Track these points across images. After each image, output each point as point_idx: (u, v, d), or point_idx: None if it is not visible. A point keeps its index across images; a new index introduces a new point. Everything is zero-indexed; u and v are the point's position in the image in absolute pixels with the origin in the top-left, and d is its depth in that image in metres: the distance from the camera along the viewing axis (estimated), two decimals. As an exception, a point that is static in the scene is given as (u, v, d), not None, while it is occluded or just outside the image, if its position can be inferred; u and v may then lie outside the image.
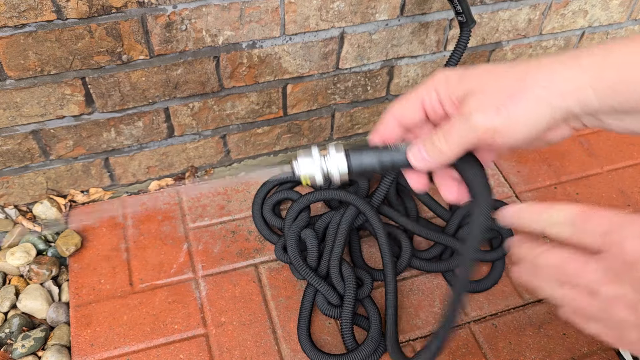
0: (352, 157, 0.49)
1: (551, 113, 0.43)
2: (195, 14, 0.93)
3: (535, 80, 0.43)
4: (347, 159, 0.49)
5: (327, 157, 0.49)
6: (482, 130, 0.44)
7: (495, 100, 0.43)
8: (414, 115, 0.50)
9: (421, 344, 0.97)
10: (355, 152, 0.50)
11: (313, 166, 0.50)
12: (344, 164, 0.49)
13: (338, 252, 0.99)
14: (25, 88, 0.93)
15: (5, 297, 1.00)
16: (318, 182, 0.50)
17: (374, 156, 0.49)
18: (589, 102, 0.42)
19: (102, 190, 1.17)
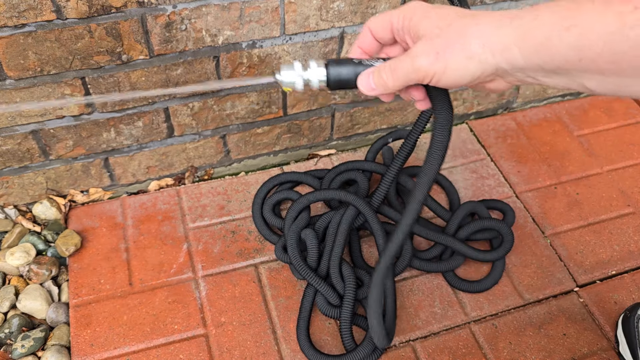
0: (331, 68, 0.54)
1: (481, 67, 0.49)
2: (195, 14, 0.93)
3: (472, 35, 0.48)
4: (327, 69, 0.54)
5: (308, 69, 0.55)
6: (423, 72, 0.51)
7: (437, 47, 0.50)
8: (384, 34, 0.56)
9: (421, 344, 0.97)
10: (334, 64, 0.55)
11: (295, 76, 0.55)
12: (323, 74, 0.55)
13: (338, 252, 0.99)
14: (25, 88, 0.93)
15: (5, 297, 1.00)
16: (298, 89, 0.56)
17: (351, 70, 0.55)
18: (515, 60, 0.47)
19: (102, 190, 1.17)
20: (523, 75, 0.49)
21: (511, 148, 1.29)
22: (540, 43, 0.45)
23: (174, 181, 1.21)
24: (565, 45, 0.44)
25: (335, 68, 0.55)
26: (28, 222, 1.11)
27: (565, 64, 0.45)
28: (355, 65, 0.55)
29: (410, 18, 0.52)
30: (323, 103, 1.18)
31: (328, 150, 1.29)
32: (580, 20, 0.43)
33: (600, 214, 1.17)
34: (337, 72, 0.55)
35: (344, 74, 0.55)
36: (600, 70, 0.44)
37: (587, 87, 0.47)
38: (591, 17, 0.43)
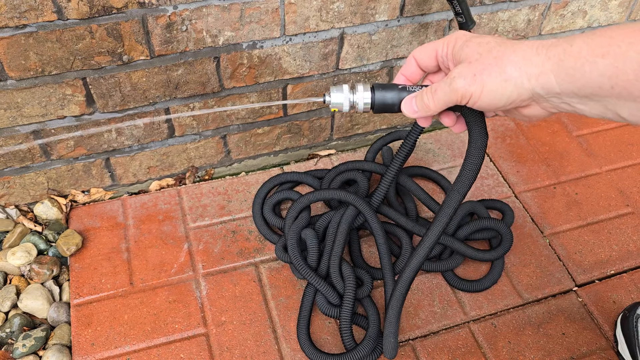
0: (376, 92, 0.57)
1: (517, 90, 0.51)
2: (196, 15, 0.94)
3: (509, 60, 0.51)
4: (372, 93, 0.57)
5: (355, 92, 0.58)
6: (460, 93, 0.53)
7: (475, 70, 0.52)
8: (429, 62, 0.59)
9: (421, 343, 0.97)
10: (380, 89, 0.58)
11: (342, 98, 0.58)
12: (368, 97, 0.57)
13: (338, 251, 0.99)
14: (26, 88, 0.94)
15: (6, 297, 1.00)
16: (344, 110, 0.59)
17: (395, 95, 0.57)
18: (550, 86, 0.50)
19: (103, 190, 1.17)
20: (558, 101, 0.51)
21: (510, 148, 1.30)
22: (574, 69, 0.47)
23: (175, 181, 1.21)
24: (598, 72, 0.46)
25: (381, 92, 0.57)
26: (29, 222, 1.11)
27: (598, 90, 0.47)
28: (399, 90, 0.58)
29: (453, 46, 0.56)
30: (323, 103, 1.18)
31: (328, 150, 1.29)
32: (614, 48, 0.45)
33: (599, 213, 1.18)
34: (382, 96, 0.57)
35: (388, 98, 0.57)
36: (634, 97, 0.46)
37: (621, 116, 0.49)
38: (624, 44, 0.45)
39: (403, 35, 1.11)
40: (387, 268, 1.00)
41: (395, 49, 1.14)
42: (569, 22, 1.24)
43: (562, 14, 1.22)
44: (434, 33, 1.14)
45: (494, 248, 1.07)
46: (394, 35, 1.11)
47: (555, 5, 1.19)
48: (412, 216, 1.12)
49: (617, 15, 1.28)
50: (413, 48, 1.15)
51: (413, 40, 1.13)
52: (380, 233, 1.01)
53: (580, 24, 1.26)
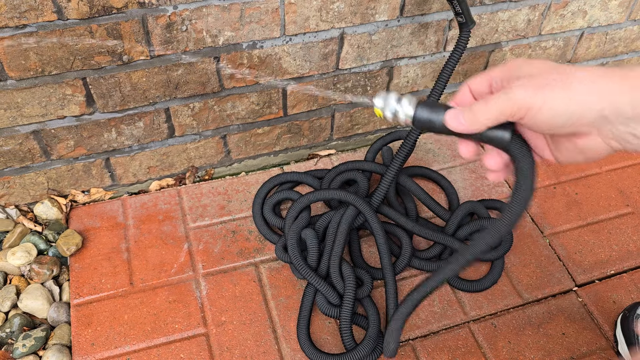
0: (419, 109, 0.56)
1: (581, 110, 0.46)
2: (196, 15, 0.94)
3: (577, 77, 0.46)
4: (415, 109, 0.56)
5: (401, 102, 0.57)
6: (518, 104, 0.48)
7: (537, 83, 0.47)
8: (481, 88, 0.55)
9: (421, 343, 0.97)
10: (424, 106, 0.56)
11: (387, 104, 0.57)
12: (411, 112, 0.56)
13: (338, 251, 0.99)
14: (26, 88, 0.94)
15: (6, 297, 1.00)
16: (387, 118, 0.58)
17: (438, 114, 0.55)
18: (622, 107, 0.45)
19: (103, 190, 1.17)
20: (625, 128, 0.47)
21: (510, 148, 1.30)
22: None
23: (175, 181, 1.21)
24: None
25: (424, 109, 0.55)
26: (29, 222, 1.11)
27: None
28: (446, 109, 0.55)
29: (510, 69, 0.52)
30: (323, 103, 1.18)
31: (328, 150, 1.29)
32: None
33: (599, 213, 1.18)
34: (424, 114, 0.55)
35: (432, 116, 0.55)
36: None
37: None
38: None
39: (403, 35, 1.11)
40: (387, 268, 1.00)
41: (395, 49, 1.14)
42: (569, 22, 1.24)
43: (562, 14, 1.22)
44: (434, 33, 1.14)
45: (494, 248, 1.07)
46: (394, 35, 1.11)
47: (555, 5, 1.19)
48: (412, 216, 1.12)
49: (617, 15, 1.28)
50: (413, 48, 1.15)
51: (413, 40, 1.13)
52: (381, 233, 1.01)
53: (580, 24, 1.26)
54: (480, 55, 1.23)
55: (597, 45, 1.33)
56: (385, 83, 1.20)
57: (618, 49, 1.37)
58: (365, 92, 1.20)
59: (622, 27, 1.32)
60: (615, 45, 1.36)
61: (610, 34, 1.32)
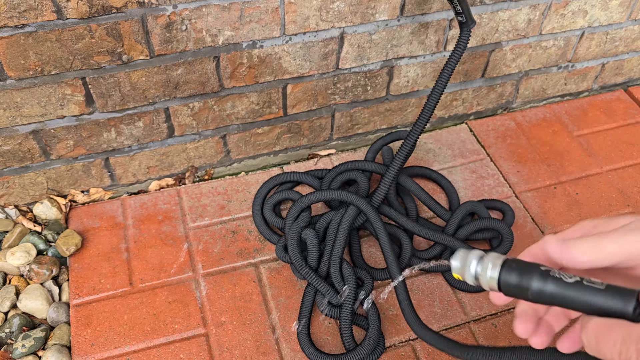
0: (505, 272, 0.45)
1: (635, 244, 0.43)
2: (196, 14, 0.93)
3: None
4: (500, 272, 0.45)
5: (483, 263, 0.47)
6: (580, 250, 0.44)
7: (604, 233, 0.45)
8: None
9: (421, 343, 0.97)
10: (512, 268, 0.45)
11: (467, 266, 0.48)
12: (495, 275, 0.46)
13: (338, 252, 0.99)
14: (26, 88, 0.93)
15: (6, 297, 1.00)
16: (468, 281, 0.49)
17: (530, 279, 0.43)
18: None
19: (103, 190, 1.17)
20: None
21: (511, 148, 1.30)
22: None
23: (175, 181, 1.21)
24: None
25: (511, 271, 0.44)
26: (29, 222, 1.11)
27: None
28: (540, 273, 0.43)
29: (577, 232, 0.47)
30: (323, 103, 1.18)
31: (328, 150, 1.29)
32: None
33: (599, 213, 1.17)
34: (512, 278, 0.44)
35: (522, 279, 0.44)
36: None
37: None
38: None
39: (403, 34, 1.11)
40: (393, 264, 0.98)
41: (396, 49, 1.13)
42: (569, 21, 1.24)
43: (562, 13, 1.21)
44: (435, 32, 1.13)
45: (494, 248, 1.06)
46: (394, 34, 1.10)
47: (555, 5, 1.19)
48: (413, 216, 1.12)
49: (617, 15, 1.28)
50: (413, 48, 1.15)
51: (413, 40, 1.13)
52: (383, 231, 1.01)
53: (580, 24, 1.26)
54: (481, 55, 1.23)
55: (597, 45, 1.33)
56: (385, 83, 1.19)
57: (619, 48, 1.37)
58: (365, 91, 1.19)
59: (622, 27, 1.32)
60: (615, 45, 1.36)
61: (611, 33, 1.32)
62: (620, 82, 1.47)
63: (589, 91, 1.46)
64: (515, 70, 1.30)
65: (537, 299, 0.43)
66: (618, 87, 1.48)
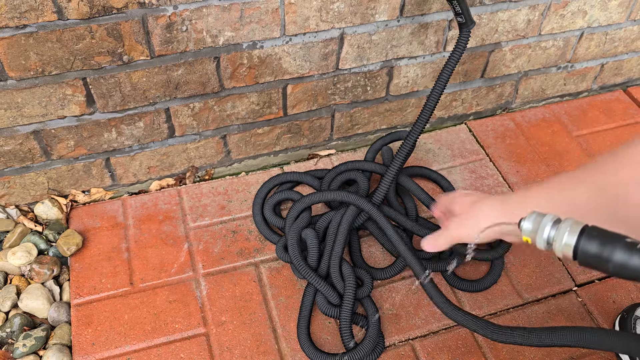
0: (584, 239, 0.43)
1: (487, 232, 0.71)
2: (196, 15, 0.94)
3: (479, 213, 0.76)
4: (578, 239, 0.43)
5: (559, 228, 0.45)
6: (453, 236, 0.80)
7: (460, 220, 0.79)
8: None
9: (420, 343, 0.97)
10: (592, 236, 0.43)
11: (540, 229, 0.46)
12: (572, 242, 0.44)
13: (338, 251, 0.99)
14: (27, 88, 0.94)
15: (7, 297, 1.00)
16: (540, 246, 0.47)
17: (613, 249, 0.42)
18: (504, 227, 0.68)
19: (103, 190, 1.17)
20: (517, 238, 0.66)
21: (510, 148, 1.30)
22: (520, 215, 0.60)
23: (175, 181, 1.21)
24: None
25: (592, 240, 0.42)
26: (30, 222, 1.11)
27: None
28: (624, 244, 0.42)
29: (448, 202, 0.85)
30: (323, 103, 1.18)
31: (328, 150, 1.29)
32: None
33: (598, 213, 1.17)
34: (592, 246, 0.42)
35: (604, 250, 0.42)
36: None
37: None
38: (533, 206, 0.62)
39: (403, 35, 1.12)
40: (413, 261, 0.95)
41: (395, 49, 1.14)
42: (568, 22, 1.24)
43: (562, 14, 1.22)
44: (434, 33, 1.14)
45: (493, 247, 1.07)
46: (394, 35, 1.11)
47: (555, 5, 1.19)
48: (412, 216, 1.12)
49: (616, 15, 1.28)
50: (413, 48, 1.15)
51: (413, 41, 1.13)
52: (389, 225, 1.00)
53: (580, 24, 1.26)
54: (480, 56, 1.23)
55: (597, 46, 1.34)
56: (385, 83, 1.20)
57: (618, 49, 1.37)
58: (365, 92, 1.20)
59: (621, 27, 1.32)
60: (615, 45, 1.36)
61: (610, 34, 1.32)
62: (620, 83, 1.48)
63: (589, 91, 1.46)
64: (514, 71, 1.31)
65: (619, 271, 0.42)
66: (617, 87, 1.48)
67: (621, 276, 0.42)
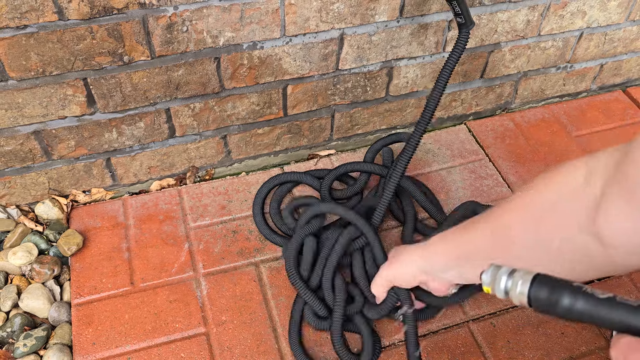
0: (535, 287, 0.45)
1: (410, 271, 0.84)
2: (196, 16, 0.94)
3: (404, 257, 0.85)
4: (530, 287, 0.45)
5: (513, 278, 0.47)
6: (385, 278, 0.89)
7: (390, 263, 0.88)
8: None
9: (420, 343, 0.97)
10: (542, 284, 0.45)
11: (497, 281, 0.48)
12: (525, 289, 0.46)
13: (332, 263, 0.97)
14: (27, 89, 0.94)
15: (7, 297, 1.00)
16: (499, 296, 0.49)
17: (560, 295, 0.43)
18: (423, 267, 0.81)
19: (104, 190, 1.17)
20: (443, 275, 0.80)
21: (509, 148, 1.30)
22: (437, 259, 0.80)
23: (176, 181, 1.21)
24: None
25: (541, 287, 0.44)
26: (30, 222, 1.11)
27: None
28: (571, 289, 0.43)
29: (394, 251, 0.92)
30: (323, 104, 1.19)
31: (328, 150, 1.29)
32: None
33: (598, 213, 1.18)
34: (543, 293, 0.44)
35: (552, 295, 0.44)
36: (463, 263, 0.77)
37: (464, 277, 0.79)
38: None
39: (403, 36, 1.12)
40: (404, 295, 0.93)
41: (395, 50, 1.14)
42: (568, 22, 1.24)
43: (561, 14, 1.22)
44: (434, 34, 1.14)
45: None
46: (394, 35, 1.11)
47: (554, 5, 1.19)
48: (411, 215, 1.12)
49: (616, 15, 1.28)
50: (413, 49, 1.15)
51: (412, 41, 1.14)
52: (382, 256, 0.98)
53: (579, 25, 1.26)
54: (480, 56, 1.24)
55: (596, 46, 1.34)
56: (385, 84, 1.20)
57: (617, 49, 1.37)
58: (365, 92, 1.20)
59: (621, 28, 1.32)
60: (614, 46, 1.36)
61: (610, 34, 1.33)
62: (619, 83, 1.48)
63: (588, 92, 1.46)
64: (514, 71, 1.31)
65: (568, 314, 0.43)
66: (617, 87, 1.49)
67: (571, 319, 0.44)
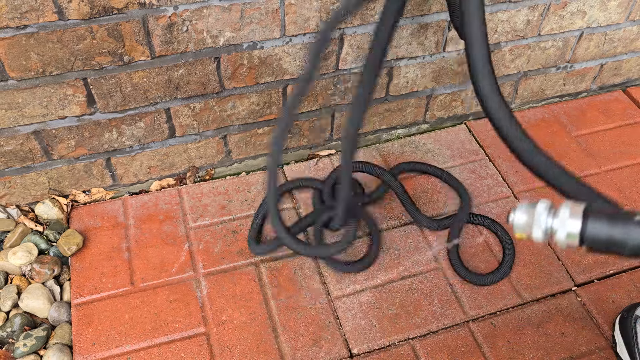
0: (591, 222, 0.37)
1: None
2: (196, 16, 0.94)
3: None
4: (584, 221, 0.37)
5: (556, 214, 0.39)
6: None
7: None
8: None
9: (420, 343, 0.97)
10: (599, 216, 0.36)
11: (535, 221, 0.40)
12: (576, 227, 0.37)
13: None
14: (27, 88, 0.94)
15: (7, 297, 1.00)
16: (537, 239, 0.41)
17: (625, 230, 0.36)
18: None
19: (104, 190, 1.17)
20: None
21: (510, 148, 1.30)
22: None
23: (176, 181, 1.21)
24: None
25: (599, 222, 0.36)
26: (30, 222, 1.11)
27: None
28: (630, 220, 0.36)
29: None
30: (323, 104, 1.19)
31: (328, 150, 1.29)
32: None
33: (598, 213, 1.18)
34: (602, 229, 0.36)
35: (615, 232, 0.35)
36: None
37: None
38: None
39: (403, 35, 1.12)
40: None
41: (395, 50, 1.14)
42: (568, 22, 1.24)
43: (561, 14, 1.22)
44: (434, 33, 1.14)
45: None
46: (394, 35, 1.11)
47: (554, 5, 1.19)
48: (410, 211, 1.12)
49: (616, 15, 1.28)
50: (413, 48, 1.15)
51: (412, 41, 1.14)
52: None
53: (579, 25, 1.26)
54: (480, 56, 1.23)
55: (596, 46, 1.34)
56: (385, 83, 1.20)
57: (617, 49, 1.37)
58: (365, 92, 1.20)
59: (621, 28, 1.32)
60: (614, 46, 1.36)
61: (610, 34, 1.33)
62: (619, 83, 1.48)
63: (588, 92, 1.46)
64: (514, 71, 1.31)
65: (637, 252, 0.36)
66: (617, 87, 1.49)
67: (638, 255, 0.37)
